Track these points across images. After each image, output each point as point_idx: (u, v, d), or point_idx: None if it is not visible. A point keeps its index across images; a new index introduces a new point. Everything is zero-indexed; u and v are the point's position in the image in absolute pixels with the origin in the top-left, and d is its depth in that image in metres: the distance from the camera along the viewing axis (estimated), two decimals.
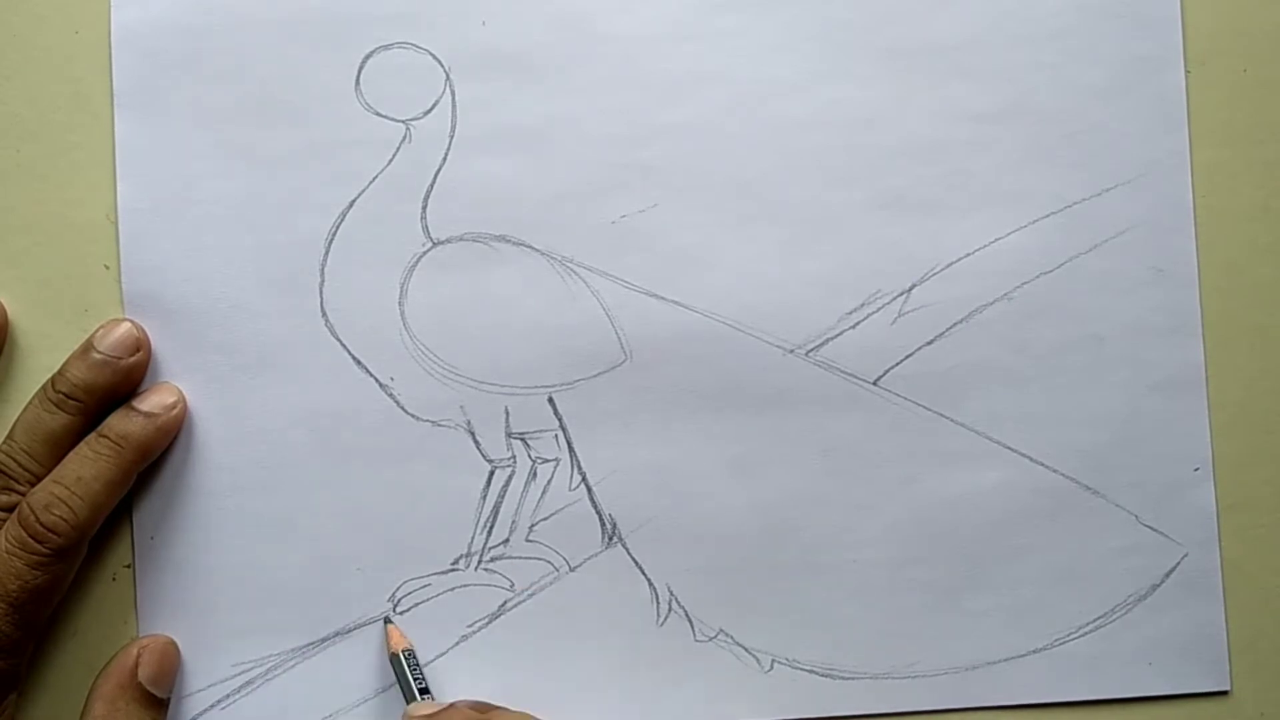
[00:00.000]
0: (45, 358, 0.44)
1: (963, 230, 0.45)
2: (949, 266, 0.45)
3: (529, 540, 0.44)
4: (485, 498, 0.44)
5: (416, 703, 0.42)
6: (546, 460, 0.45)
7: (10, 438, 0.42)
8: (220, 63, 0.44)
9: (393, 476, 0.44)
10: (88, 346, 0.43)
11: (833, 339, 0.45)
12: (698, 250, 0.45)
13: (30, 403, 0.42)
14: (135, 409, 0.43)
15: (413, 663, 0.43)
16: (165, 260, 0.44)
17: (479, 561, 0.44)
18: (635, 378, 0.44)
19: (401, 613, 0.44)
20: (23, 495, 0.41)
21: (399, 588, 0.44)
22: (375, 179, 0.44)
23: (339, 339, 0.44)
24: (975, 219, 0.45)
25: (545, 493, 0.45)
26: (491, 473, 0.44)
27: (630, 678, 0.44)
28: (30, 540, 0.40)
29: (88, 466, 0.41)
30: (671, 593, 0.44)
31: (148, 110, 0.44)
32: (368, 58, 0.44)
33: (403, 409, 0.44)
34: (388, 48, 0.44)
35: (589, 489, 0.44)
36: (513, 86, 0.44)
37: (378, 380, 0.44)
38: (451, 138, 0.44)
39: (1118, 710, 0.45)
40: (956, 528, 0.45)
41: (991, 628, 0.45)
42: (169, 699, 0.43)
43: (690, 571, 0.44)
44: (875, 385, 0.45)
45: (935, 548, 0.45)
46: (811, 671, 0.44)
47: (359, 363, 0.44)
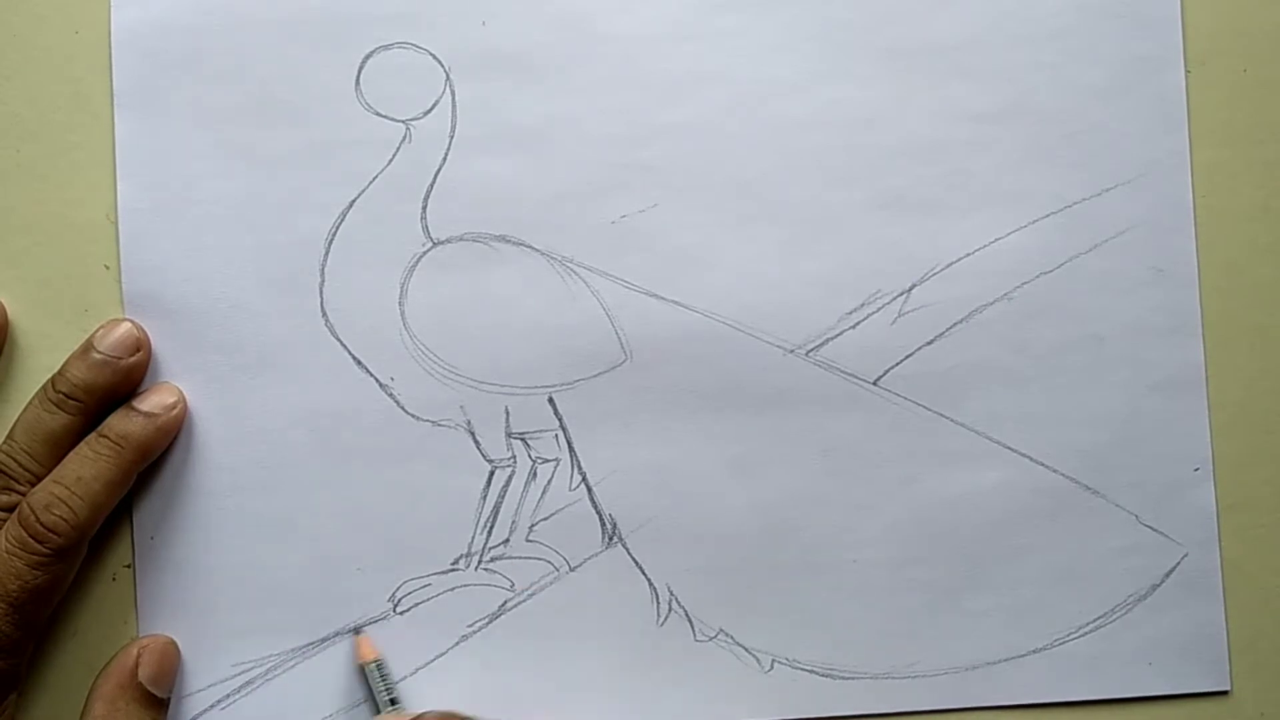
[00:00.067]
0: (45, 358, 0.44)
1: (963, 230, 0.45)
2: (949, 266, 0.45)
3: (529, 540, 0.44)
4: (485, 498, 0.44)
5: (385, 714, 0.42)
6: (546, 460, 0.45)
7: (10, 438, 0.42)
8: (220, 63, 0.44)
9: (393, 476, 0.44)
10: (88, 346, 0.43)
11: (833, 339, 0.45)
12: (698, 250, 0.45)
13: (30, 403, 0.42)
14: (135, 409, 0.43)
15: (382, 673, 0.43)
16: (165, 260, 0.44)
17: (479, 561, 0.44)
18: (635, 378, 0.44)
19: (401, 613, 0.44)
20: (23, 495, 0.41)
21: (399, 588, 0.44)
22: (375, 179, 0.44)
23: (339, 339, 0.44)
24: (975, 219, 0.45)
25: (545, 493, 0.45)
26: (491, 473, 0.44)
27: (630, 678, 0.44)
28: (30, 540, 0.40)
29: (88, 466, 0.41)
30: (671, 593, 0.44)
31: (148, 110, 0.44)
32: (368, 58, 0.44)
33: (403, 409, 0.44)
34: (388, 48, 0.44)
35: (589, 489, 0.44)
36: (513, 86, 0.44)
37: (378, 380, 0.44)
38: (451, 138, 0.44)
39: (1118, 710, 0.45)
40: (956, 528, 0.45)
41: (991, 628, 0.45)
42: (169, 699, 0.43)
43: (690, 571, 0.44)
44: (875, 385, 0.45)
45: (935, 548, 0.45)
46: (811, 671, 0.44)
47: (359, 363, 0.44)
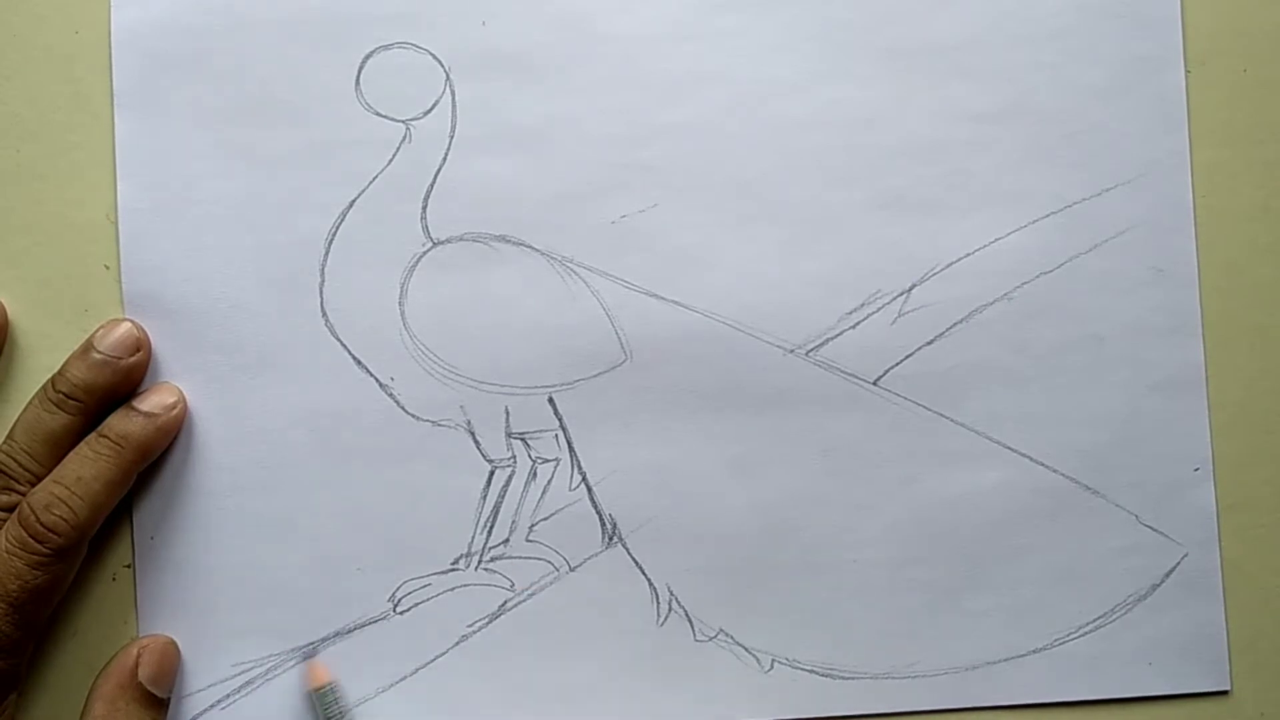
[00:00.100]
0: (45, 358, 0.44)
1: (963, 230, 0.45)
2: (949, 266, 0.45)
3: (529, 540, 0.44)
4: (485, 498, 0.44)
5: None
6: (546, 460, 0.45)
7: (10, 438, 0.42)
8: (220, 63, 0.44)
9: (393, 476, 0.44)
10: (88, 346, 0.43)
11: (833, 339, 0.45)
12: (698, 250, 0.45)
13: (30, 403, 0.42)
14: (135, 409, 0.43)
15: (331, 699, 0.43)
16: (165, 260, 0.44)
17: (479, 561, 0.44)
18: (635, 378, 0.44)
19: (401, 613, 0.44)
20: (23, 495, 0.41)
21: (399, 588, 0.44)
22: (375, 179, 0.44)
23: (339, 339, 0.44)
24: (975, 219, 0.45)
25: (545, 493, 0.45)
26: (492, 473, 0.44)
27: (630, 678, 0.44)
28: (30, 540, 0.40)
29: (88, 466, 0.41)
30: (671, 593, 0.44)
31: (148, 110, 0.44)
32: (368, 58, 0.44)
33: (403, 409, 0.44)
34: (388, 48, 0.44)
35: (589, 489, 0.44)
36: (513, 86, 0.44)
37: (378, 380, 0.44)
38: (451, 138, 0.44)
39: (1118, 710, 0.45)
40: (956, 528, 0.45)
41: (991, 628, 0.45)
42: (169, 699, 0.43)
43: (690, 571, 0.44)
44: (875, 385, 0.45)
45: (935, 548, 0.45)
46: (811, 671, 0.44)
47: (359, 363, 0.44)
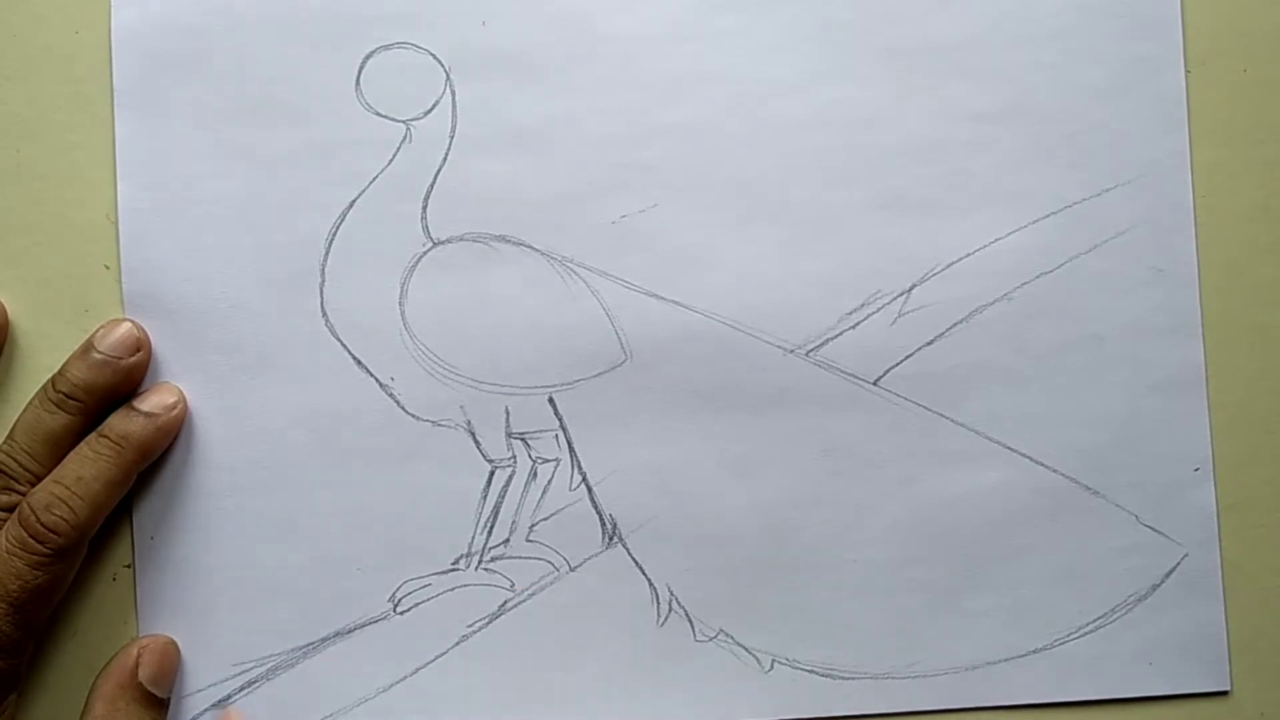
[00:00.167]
0: (45, 358, 0.44)
1: (963, 230, 0.45)
2: (949, 266, 0.45)
3: (529, 540, 0.44)
4: (485, 498, 0.44)
5: None
6: (547, 460, 0.45)
7: (10, 438, 0.42)
8: (220, 63, 0.44)
9: (393, 476, 0.44)
10: (88, 346, 0.43)
11: (833, 339, 0.45)
12: (698, 250, 0.45)
13: (30, 403, 0.42)
14: (135, 409, 0.43)
15: None
16: (165, 260, 0.44)
17: (479, 561, 0.44)
18: (635, 378, 0.44)
19: (401, 613, 0.44)
20: (23, 495, 0.41)
21: (399, 588, 0.44)
22: (375, 179, 0.44)
23: (339, 339, 0.44)
24: (975, 219, 0.45)
25: (545, 493, 0.45)
26: (492, 473, 0.44)
27: (630, 678, 0.44)
28: (30, 540, 0.40)
29: (88, 466, 0.41)
30: (671, 593, 0.44)
31: (148, 110, 0.44)
32: (368, 58, 0.44)
33: (403, 409, 0.44)
34: (388, 48, 0.44)
35: (589, 489, 0.44)
36: (513, 86, 0.44)
37: (378, 380, 0.44)
38: (451, 138, 0.44)
39: (1118, 710, 0.45)
40: (956, 528, 0.45)
41: (991, 628, 0.45)
42: (169, 699, 0.43)
43: (690, 571, 0.44)
44: (875, 385, 0.45)
45: (935, 548, 0.45)
46: (811, 671, 0.44)
47: (359, 363, 0.44)
